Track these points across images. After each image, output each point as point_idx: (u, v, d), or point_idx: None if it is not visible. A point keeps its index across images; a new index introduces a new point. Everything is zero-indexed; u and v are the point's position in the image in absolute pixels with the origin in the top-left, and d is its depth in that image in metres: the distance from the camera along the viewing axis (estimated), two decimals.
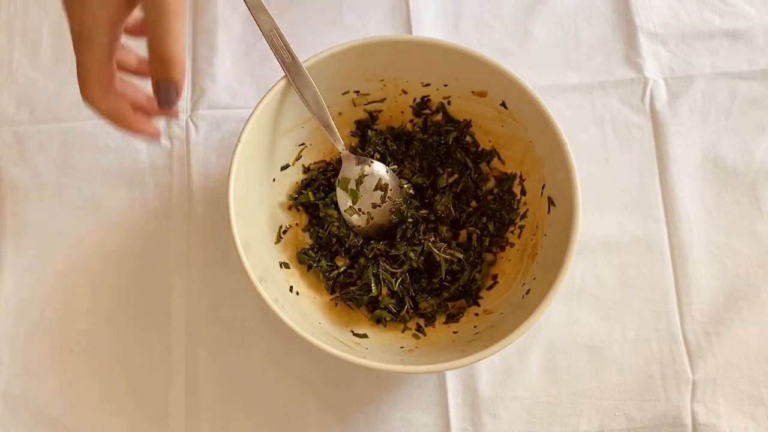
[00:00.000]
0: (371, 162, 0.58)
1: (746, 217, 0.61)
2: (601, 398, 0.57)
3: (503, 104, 0.56)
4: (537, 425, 0.57)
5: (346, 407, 0.57)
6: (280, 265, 0.57)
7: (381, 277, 0.56)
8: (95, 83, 0.43)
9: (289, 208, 0.60)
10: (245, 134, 0.51)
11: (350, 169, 0.57)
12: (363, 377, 0.58)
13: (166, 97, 0.45)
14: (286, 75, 0.53)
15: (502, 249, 0.58)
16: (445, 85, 0.58)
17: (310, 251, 0.59)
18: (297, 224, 0.60)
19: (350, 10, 0.68)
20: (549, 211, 0.54)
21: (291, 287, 0.56)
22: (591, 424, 0.57)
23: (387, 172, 0.58)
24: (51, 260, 0.61)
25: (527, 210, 0.57)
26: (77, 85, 0.44)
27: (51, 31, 0.67)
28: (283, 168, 0.59)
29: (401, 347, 0.54)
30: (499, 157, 0.59)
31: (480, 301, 0.57)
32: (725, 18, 0.67)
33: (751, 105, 0.64)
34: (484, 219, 0.59)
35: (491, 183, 0.60)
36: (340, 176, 0.58)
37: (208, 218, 0.62)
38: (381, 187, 0.57)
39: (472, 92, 0.57)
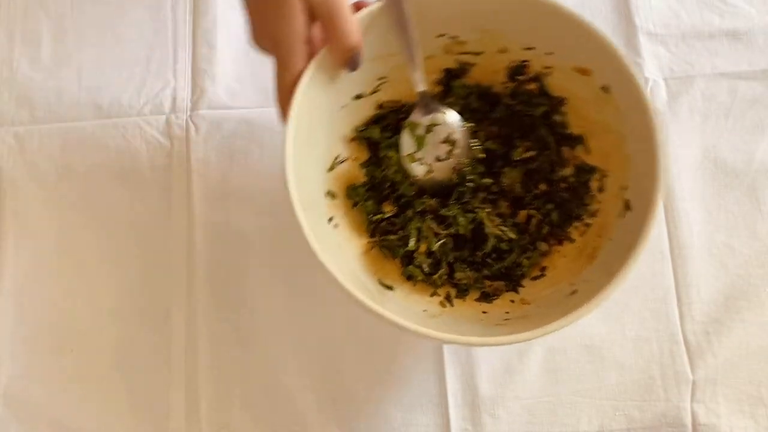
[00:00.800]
0: (446, 111, 0.54)
1: (746, 217, 0.61)
2: (601, 398, 0.57)
3: (605, 88, 0.51)
4: (537, 425, 0.57)
5: (346, 407, 0.57)
6: (326, 193, 0.55)
7: (424, 233, 0.54)
8: (288, 100, 0.47)
9: (352, 140, 0.57)
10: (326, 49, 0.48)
11: (422, 114, 0.54)
12: (363, 376, 0.58)
13: (354, 65, 0.49)
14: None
15: (560, 242, 0.55)
16: (550, 54, 0.53)
17: (360, 188, 0.56)
18: (355, 159, 0.57)
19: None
20: (624, 216, 0.50)
21: (331, 218, 0.54)
22: (591, 424, 0.57)
23: (460, 127, 0.55)
24: (51, 260, 0.61)
25: (599, 209, 0.53)
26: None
27: (51, 31, 0.67)
28: (357, 97, 0.55)
29: (424, 310, 0.52)
30: (586, 146, 0.55)
31: (520, 289, 0.54)
32: (725, 18, 0.67)
33: (751, 105, 0.64)
34: (550, 206, 0.55)
35: (569, 170, 0.55)
36: (410, 119, 0.54)
37: (208, 218, 0.62)
38: (450, 141, 0.54)
39: (575, 68, 0.52)
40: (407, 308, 0.52)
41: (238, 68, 0.66)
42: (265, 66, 0.66)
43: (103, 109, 0.65)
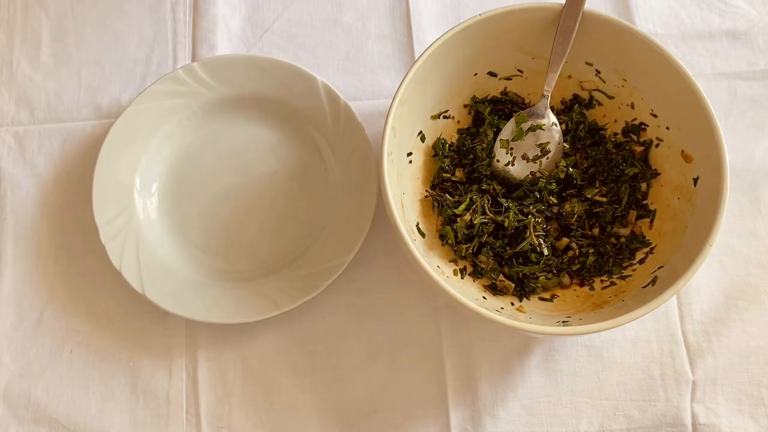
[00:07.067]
0: (557, 125, 0.58)
1: (746, 217, 0.61)
2: (601, 398, 0.57)
3: (696, 179, 0.53)
4: (537, 425, 0.57)
5: (347, 407, 0.57)
6: (418, 133, 0.58)
7: (476, 205, 0.57)
8: None
9: (465, 106, 0.61)
10: (490, 15, 0.53)
11: (536, 114, 0.58)
12: (363, 377, 0.58)
13: None
14: (566, 7, 0.54)
15: (581, 284, 0.57)
16: (667, 128, 0.56)
17: (447, 145, 0.60)
18: (458, 122, 0.61)
19: (350, 9, 0.68)
20: (646, 287, 0.52)
21: (410, 153, 0.58)
22: (591, 424, 0.57)
23: (558, 143, 0.58)
24: (51, 261, 0.61)
25: (630, 276, 0.55)
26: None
27: (51, 31, 0.67)
28: (491, 74, 0.60)
29: (437, 266, 0.55)
30: (651, 222, 0.57)
31: (524, 299, 0.56)
32: (725, 18, 0.67)
33: (751, 105, 0.64)
34: (592, 251, 0.57)
35: (625, 231, 0.57)
36: (523, 111, 0.58)
37: None
38: (543, 149, 0.58)
39: (682, 151, 0.55)
40: (428, 257, 0.55)
41: None
42: None
43: (103, 109, 0.65)
